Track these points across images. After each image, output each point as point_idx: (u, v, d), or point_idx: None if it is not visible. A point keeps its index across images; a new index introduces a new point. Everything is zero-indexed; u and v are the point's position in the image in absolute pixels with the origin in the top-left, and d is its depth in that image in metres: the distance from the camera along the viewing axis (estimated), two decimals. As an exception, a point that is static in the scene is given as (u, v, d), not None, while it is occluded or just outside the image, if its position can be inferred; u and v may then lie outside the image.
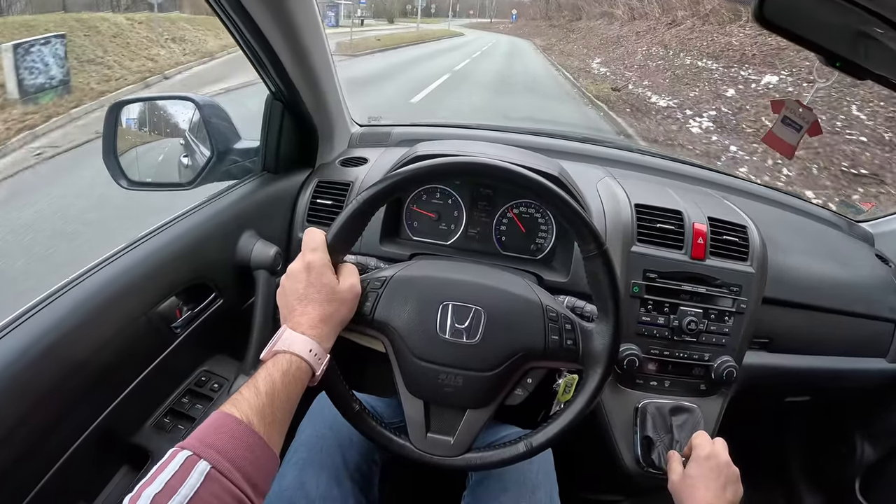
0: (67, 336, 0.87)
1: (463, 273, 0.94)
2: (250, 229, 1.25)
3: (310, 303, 0.80)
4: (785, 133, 1.10)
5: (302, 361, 0.75)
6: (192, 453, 0.60)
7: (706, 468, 0.95)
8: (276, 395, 0.70)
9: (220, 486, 0.59)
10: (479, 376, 0.88)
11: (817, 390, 1.54)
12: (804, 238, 1.57)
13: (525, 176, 0.86)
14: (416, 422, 0.91)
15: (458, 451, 0.90)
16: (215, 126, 1.30)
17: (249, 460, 0.63)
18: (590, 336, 0.90)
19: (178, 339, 1.10)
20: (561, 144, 1.68)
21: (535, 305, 0.91)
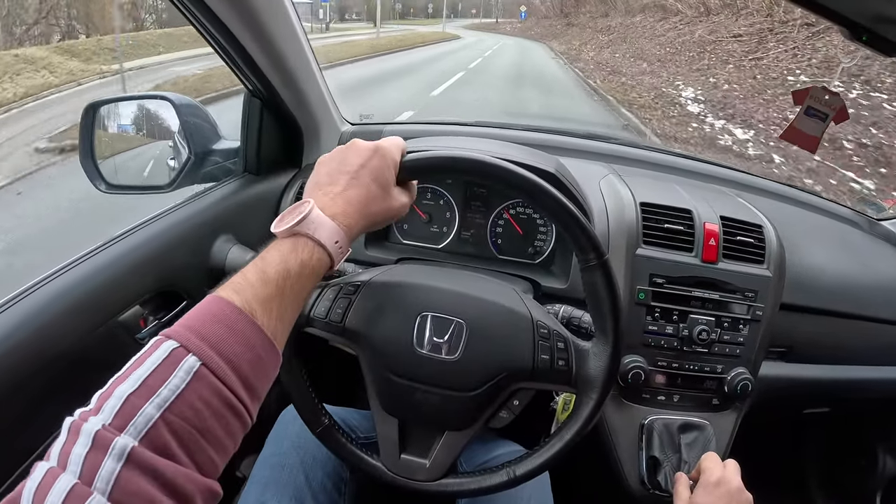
0: (19, 348, 0.80)
1: (446, 280, 0.87)
2: (227, 233, 1.19)
3: (359, 186, 0.69)
4: (808, 125, 1.02)
5: (324, 253, 0.63)
6: (179, 345, 0.50)
7: (715, 495, 0.87)
8: (287, 288, 0.58)
9: (210, 388, 0.49)
10: (458, 396, 0.81)
11: (838, 401, 1.46)
12: (823, 238, 1.47)
13: (517, 174, 0.76)
14: (389, 441, 0.85)
15: (433, 476, 0.84)
16: (193, 125, 1.25)
17: (248, 359, 0.52)
18: (585, 357, 0.82)
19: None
20: (563, 141, 1.60)
21: (525, 320, 0.83)
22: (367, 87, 12.65)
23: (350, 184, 0.69)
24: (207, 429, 0.48)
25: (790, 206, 1.55)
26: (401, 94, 12.10)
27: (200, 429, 0.48)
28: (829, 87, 1.00)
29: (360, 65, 17.20)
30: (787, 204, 1.55)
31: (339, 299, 0.83)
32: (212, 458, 0.49)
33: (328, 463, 1.02)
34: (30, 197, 5.37)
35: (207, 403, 0.48)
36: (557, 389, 0.86)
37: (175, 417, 0.46)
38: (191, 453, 0.47)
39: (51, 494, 0.40)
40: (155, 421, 0.45)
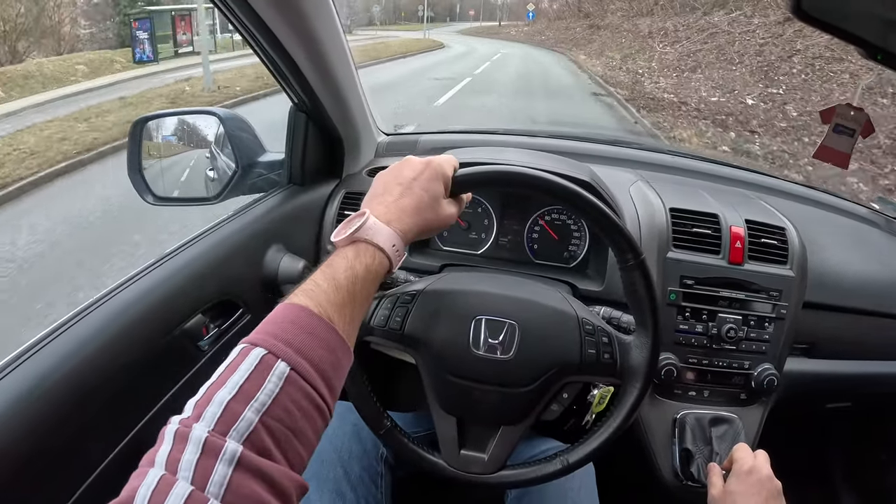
0: (91, 358, 0.85)
1: (495, 285, 0.92)
2: (277, 243, 1.24)
3: (411, 195, 0.74)
4: (838, 142, 1.06)
5: (384, 257, 0.67)
6: (267, 352, 0.53)
7: (748, 483, 0.92)
8: (357, 292, 0.62)
9: (300, 391, 0.52)
10: (514, 392, 0.86)
11: (860, 396, 1.49)
12: (844, 238, 1.51)
13: (559, 185, 0.82)
14: (448, 439, 0.89)
15: (492, 469, 0.88)
16: (239, 139, 1.29)
17: (330, 362, 0.56)
18: (627, 349, 0.88)
19: (206, 356, 1.08)
20: (589, 147, 1.65)
21: (571, 318, 0.88)
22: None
23: (403, 193, 0.74)
24: (299, 429, 0.52)
25: (811, 208, 1.59)
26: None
27: (293, 429, 0.51)
28: (853, 104, 1.04)
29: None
30: (808, 205, 1.59)
31: (398, 308, 0.87)
32: (301, 456, 0.52)
33: (364, 457, 1.07)
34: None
35: (298, 405, 0.52)
36: (603, 382, 0.91)
37: (272, 420, 0.49)
38: (285, 452, 0.50)
39: (169, 500, 0.43)
40: (255, 425, 0.48)
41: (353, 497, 1.01)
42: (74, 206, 5.92)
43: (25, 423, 0.76)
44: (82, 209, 5.80)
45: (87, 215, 5.65)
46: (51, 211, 5.98)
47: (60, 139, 7.97)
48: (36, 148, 7.58)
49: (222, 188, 1.30)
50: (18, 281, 4.38)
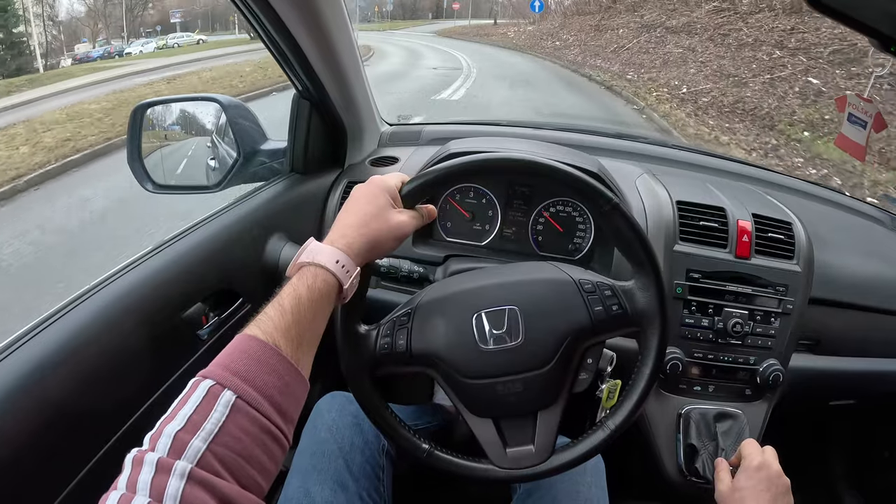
0: (89, 344, 0.84)
1: (486, 278, 0.91)
2: (279, 232, 1.23)
3: (352, 212, 0.77)
4: (853, 132, 1.06)
5: (328, 274, 0.69)
6: (214, 382, 0.55)
7: (757, 479, 0.90)
8: (302, 313, 0.64)
9: (248, 418, 0.54)
10: (536, 375, 0.84)
11: (864, 394, 1.48)
12: (849, 235, 1.51)
13: (509, 159, 0.83)
14: (491, 442, 0.86)
15: (543, 457, 0.86)
16: (241, 127, 1.28)
17: (278, 387, 0.58)
18: (632, 294, 0.86)
19: (205, 345, 1.07)
20: (595, 140, 1.64)
21: (568, 283, 0.87)
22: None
23: (345, 212, 0.77)
24: (251, 454, 0.54)
25: (817, 204, 1.58)
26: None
27: (244, 455, 0.53)
28: (863, 96, 1.03)
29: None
30: (814, 202, 1.58)
31: (398, 331, 0.86)
32: (256, 480, 0.54)
33: (365, 449, 1.06)
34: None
35: (247, 431, 0.54)
36: (622, 333, 0.88)
37: (220, 447, 0.51)
38: (237, 477, 0.52)
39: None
40: (203, 452, 0.50)
41: (355, 488, 1.01)
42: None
43: (24, 408, 0.75)
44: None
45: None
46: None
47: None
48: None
49: (223, 176, 1.29)
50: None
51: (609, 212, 0.83)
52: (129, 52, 21.46)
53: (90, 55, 21.35)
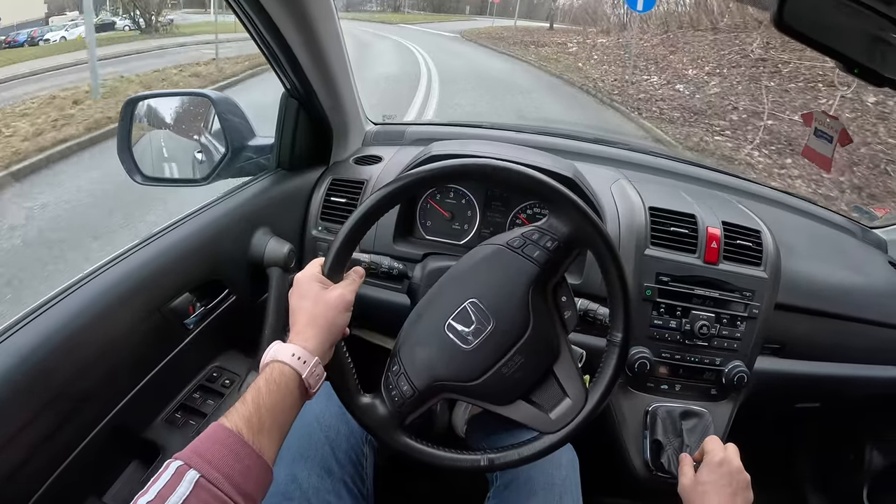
0: (80, 332, 0.87)
1: (438, 291, 0.94)
2: (264, 226, 1.25)
3: (296, 311, 0.83)
4: (819, 146, 1.10)
5: (284, 366, 0.76)
6: (182, 463, 0.62)
7: (718, 474, 0.94)
8: (261, 402, 0.71)
9: (209, 494, 0.61)
10: (526, 340, 0.88)
11: (828, 397, 1.53)
12: (817, 243, 1.56)
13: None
14: (533, 417, 0.89)
15: (582, 400, 0.89)
16: (230, 122, 1.31)
17: (238, 469, 0.65)
18: (554, 225, 0.88)
19: (191, 335, 1.10)
20: (573, 145, 1.68)
21: (500, 251, 0.90)
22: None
23: (293, 315, 0.84)
24: None
25: (786, 213, 1.63)
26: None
27: None
28: (829, 113, 1.08)
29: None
30: (785, 211, 1.63)
31: (398, 380, 0.89)
32: None
33: (352, 436, 1.09)
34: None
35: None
36: (572, 259, 0.90)
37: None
38: None
39: None
40: None
41: (340, 474, 1.04)
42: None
43: (16, 395, 0.78)
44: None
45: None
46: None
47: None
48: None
49: (211, 170, 1.31)
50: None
51: (492, 172, 0.87)
52: (48, 38, 14.50)
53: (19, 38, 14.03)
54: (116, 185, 4.94)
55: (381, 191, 0.86)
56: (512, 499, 1.07)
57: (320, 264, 0.87)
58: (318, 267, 0.87)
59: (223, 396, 1.17)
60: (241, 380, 1.21)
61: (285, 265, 1.23)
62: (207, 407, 1.14)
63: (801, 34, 0.71)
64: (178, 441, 1.06)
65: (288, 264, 1.24)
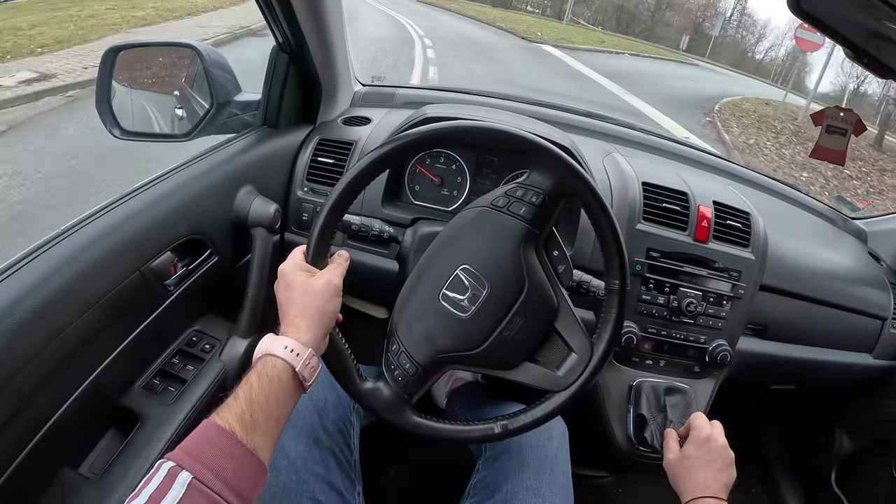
0: (54, 295, 0.83)
1: (427, 262, 0.92)
2: (248, 185, 1.22)
3: (285, 304, 0.81)
4: (832, 141, 1.10)
5: (277, 360, 0.74)
6: (174, 464, 0.60)
7: (705, 450, 0.95)
8: (253, 398, 0.69)
9: (203, 496, 0.59)
10: (523, 300, 0.87)
11: (803, 380, 1.56)
12: (801, 230, 1.58)
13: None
14: (540, 377, 0.89)
15: (588, 353, 0.89)
16: (216, 76, 1.25)
17: (231, 469, 0.63)
18: (535, 178, 0.88)
19: (171, 296, 1.06)
20: (566, 117, 1.66)
21: (485, 212, 0.90)
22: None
23: (282, 308, 0.81)
24: None
25: (773, 198, 1.65)
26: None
27: None
28: (841, 107, 1.08)
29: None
30: (773, 196, 1.65)
31: (399, 358, 0.87)
32: None
33: (339, 405, 1.08)
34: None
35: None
36: (558, 211, 0.90)
37: None
38: None
39: None
40: None
41: (328, 443, 1.03)
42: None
43: None
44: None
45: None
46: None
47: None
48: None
49: (194, 126, 1.26)
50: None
51: (465, 133, 0.86)
52: None
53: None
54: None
55: (365, 159, 0.84)
56: (504, 469, 1.06)
57: (303, 252, 0.85)
58: (301, 255, 0.85)
59: (203, 362, 1.13)
60: (221, 345, 1.17)
61: (270, 225, 1.19)
62: (187, 373, 1.11)
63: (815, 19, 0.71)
64: (156, 408, 1.03)
65: (273, 225, 1.20)
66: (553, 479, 1.05)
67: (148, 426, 1.00)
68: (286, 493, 0.94)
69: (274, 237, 1.21)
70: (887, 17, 0.61)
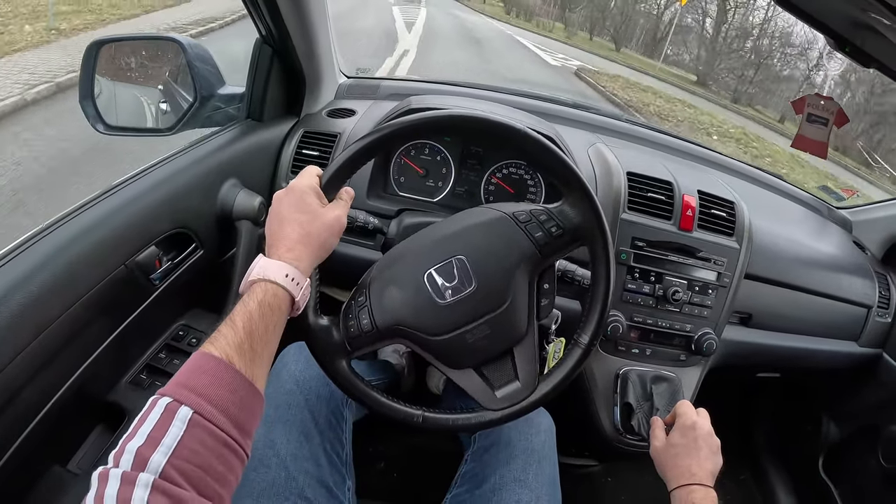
0: (40, 290, 0.81)
1: (427, 236, 0.93)
2: (233, 178, 1.21)
3: (288, 224, 0.78)
4: (813, 132, 1.10)
5: (278, 288, 0.72)
6: (172, 399, 0.57)
7: (690, 437, 0.96)
8: (254, 329, 0.67)
9: (205, 431, 0.56)
10: (499, 314, 0.87)
11: (789, 368, 1.57)
12: (787, 219, 1.59)
13: (425, 119, 0.86)
14: (479, 389, 0.89)
15: (531, 388, 0.89)
16: (199, 70, 1.24)
17: (233, 401, 0.60)
18: (565, 213, 0.89)
19: (157, 291, 1.06)
20: (551, 108, 1.66)
21: (502, 219, 0.90)
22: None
23: (281, 226, 0.78)
24: (210, 466, 0.56)
25: (758, 188, 1.66)
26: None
27: (203, 466, 0.55)
28: (822, 94, 1.07)
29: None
30: (758, 186, 1.66)
31: (359, 311, 0.87)
32: (216, 490, 0.56)
33: (331, 400, 1.07)
34: None
35: (205, 444, 0.56)
36: (568, 251, 0.91)
37: (180, 461, 0.53)
38: (198, 488, 0.54)
39: None
40: (164, 465, 0.52)
41: (319, 439, 1.02)
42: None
43: None
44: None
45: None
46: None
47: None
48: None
49: (178, 120, 1.25)
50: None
51: (522, 139, 0.86)
52: None
53: None
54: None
55: (413, 117, 0.85)
56: (492, 462, 1.07)
57: (318, 174, 0.83)
58: (316, 178, 0.83)
59: (190, 356, 1.12)
60: (207, 339, 1.16)
61: (255, 218, 1.19)
62: (174, 367, 1.10)
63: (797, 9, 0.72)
64: (143, 403, 1.02)
65: (258, 217, 1.19)
66: (540, 472, 1.05)
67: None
68: (274, 489, 0.93)
69: (259, 230, 1.21)
70: (872, 9, 0.62)
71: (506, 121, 0.86)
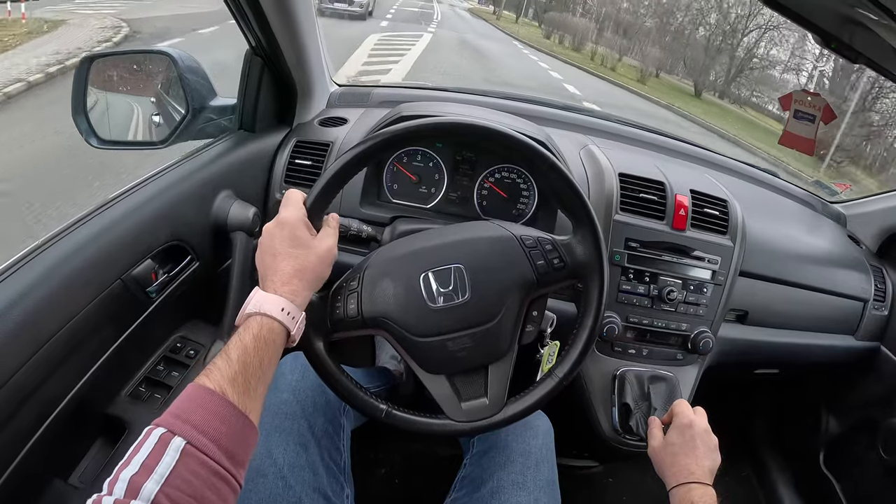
0: (38, 305, 0.82)
1: (431, 238, 0.93)
2: (227, 189, 1.21)
3: (283, 258, 0.79)
4: (800, 128, 1.10)
5: (273, 322, 0.73)
6: (166, 430, 0.59)
7: (687, 436, 0.96)
8: (248, 362, 0.68)
9: (197, 462, 0.58)
10: (485, 329, 0.88)
11: (787, 364, 1.57)
12: (780, 215, 1.60)
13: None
14: (446, 397, 0.90)
15: (497, 408, 0.90)
16: (191, 82, 1.24)
17: (225, 432, 0.61)
18: (572, 248, 0.91)
19: (154, 304, 1.06)
20: (542, 111, 1.67)
21: (510, 240, 0.91)
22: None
23: (275, 260, 0.79)
24: (201, 495, 0.57)
25: (751, 185, 1.67)
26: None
27: (195, 496, 0.56)
28: (809, 90, 1.07)
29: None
30: (750, 182, 1.67)
31: (348, 296, 0.88)
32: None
33: (328, 409, 1.07)
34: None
35: (196, 474, 0.57)
36: (564, 285, 0.92)
37: (172, 489, 0.54)
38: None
39: None
40: (156, 493, 0.53)
41: (317, 449, 1.02)
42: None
43: None
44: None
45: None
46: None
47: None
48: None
49: (170, 132, 1.26)
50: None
51: (546, 171, 0.88)
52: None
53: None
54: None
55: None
56: (490, 465, 1.07)
57: (302, 198, 0.84)
58: (302, 207, 0.84)
59: (188, 367, 1.14)
60: (205, 350, 1.17)
61: (250, 229, 1.19)
62: (172, 379, 1.11)
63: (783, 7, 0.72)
64: (143, 415, 1.03)
65: (253, 228, 1.20)
66: (538, 475, 1.06)
67: (136, 434, 1.00)
68: (272, 499, 0.93)
69: (254, 241, 1.21)
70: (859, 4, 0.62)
71: (532, 144, 0.88)
